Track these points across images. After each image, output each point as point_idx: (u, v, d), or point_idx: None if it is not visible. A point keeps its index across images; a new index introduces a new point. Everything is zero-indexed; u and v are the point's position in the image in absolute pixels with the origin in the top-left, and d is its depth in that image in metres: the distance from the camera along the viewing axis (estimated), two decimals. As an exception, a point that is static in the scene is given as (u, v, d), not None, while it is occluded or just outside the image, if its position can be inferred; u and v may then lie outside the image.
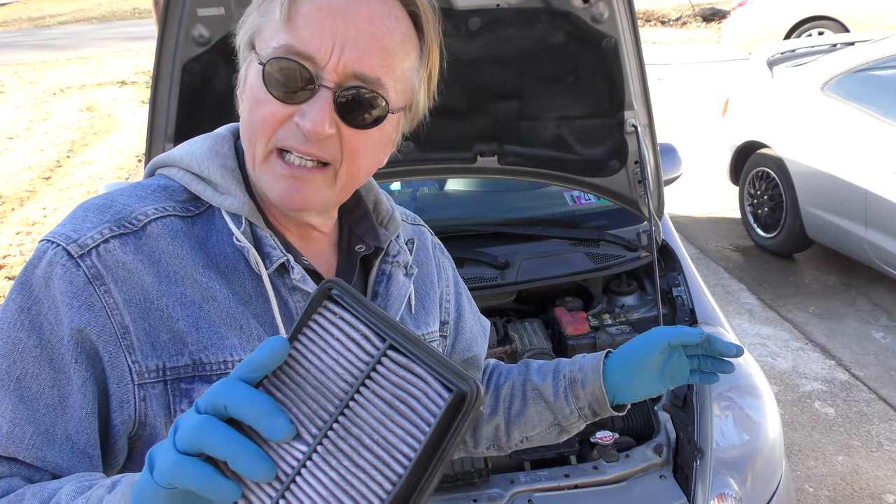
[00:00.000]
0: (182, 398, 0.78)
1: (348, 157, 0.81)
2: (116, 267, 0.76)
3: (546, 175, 2.38)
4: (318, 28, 0.76)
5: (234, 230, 0.82)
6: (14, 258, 5.28)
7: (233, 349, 0.80)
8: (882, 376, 3.53)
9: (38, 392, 0.75)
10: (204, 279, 0.80)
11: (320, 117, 0.76)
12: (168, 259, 0.79)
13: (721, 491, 1.68)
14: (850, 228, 4.08)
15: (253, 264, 0.82)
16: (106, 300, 0.75)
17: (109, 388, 0.77)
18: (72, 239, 0.77)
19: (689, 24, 14.26)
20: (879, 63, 4.25)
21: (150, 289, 0.77)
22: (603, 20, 1.99)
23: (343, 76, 0.77)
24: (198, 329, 0.78)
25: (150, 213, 0.81)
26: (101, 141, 8.40)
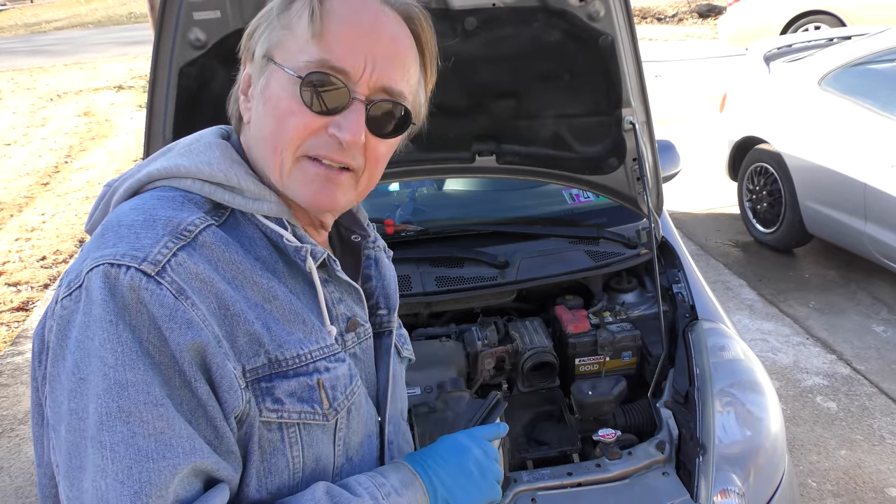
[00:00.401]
0: (265, 397, 0.81)
1: (370, 163, 0.88)
2: (191, 279, 0.76)
3: (544, 173, 2.38)
4: (351, 45, 0.82)
5: (282, 232, 0.86)
6: (13, 264, 5.27)
7: (300, 343, 0.84)
8: (883, 370, 3.53)
9: (192, 408, 0.75)
10: (263, 280, 0.83)
11: (357, 128, 0.82)
12: (225, 266, 0.81)
13: (724, 487, 1.68)
14: (850, 222, 4.08)
15: (305, 263, 0.87)
16: (196, 313, 0.76)
17: (221, 397, 0.77)
18: (139, 258, 0.74)
19: (686, 20, 14.26)
20: (876, 57, 4.25)
21: (224, 295, 0.79)
22: (599, 18, 1.99)
23: (373, 90, 0.84)
24: (268, 329, 0.82)
25: (198, 223, 0.81)
26: (99, 146, 8.40)
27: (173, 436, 0.72)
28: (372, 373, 0.98)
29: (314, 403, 0.84)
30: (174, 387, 0.74)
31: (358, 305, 0.96)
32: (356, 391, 0.90)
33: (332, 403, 0.86)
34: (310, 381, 0.84)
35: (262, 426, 0.81)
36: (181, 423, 0.73)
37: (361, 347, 0.96)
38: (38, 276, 5.06)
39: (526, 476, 1.74)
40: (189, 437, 0.74)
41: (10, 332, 4.36)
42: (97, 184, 6.98)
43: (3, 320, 4.48)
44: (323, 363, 0.86)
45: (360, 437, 0.93)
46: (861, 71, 4.27)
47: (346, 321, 0.93)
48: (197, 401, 0.76)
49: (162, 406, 0.72)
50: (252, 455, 0.81)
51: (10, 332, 4.36)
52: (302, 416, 0.83)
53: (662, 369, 2.04)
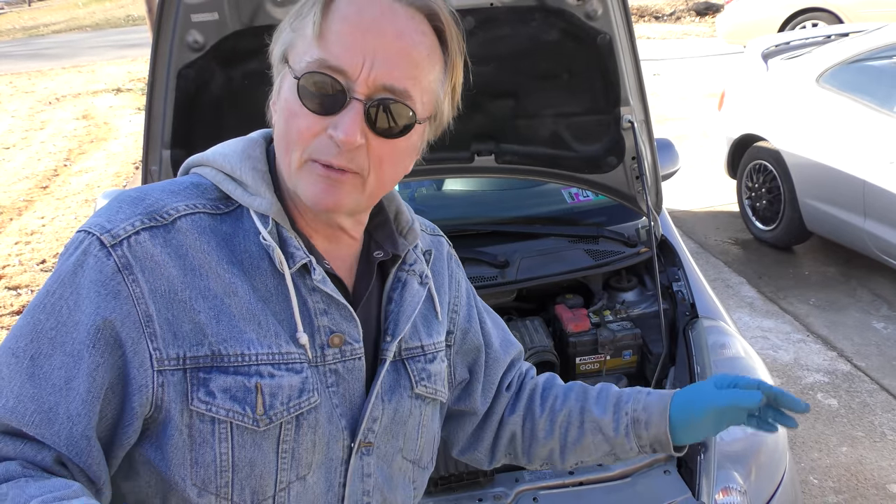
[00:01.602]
0: (199, 387, 0.81)
1: (375, 166, 0.85)
2: (145, 258, 0.80)
3: (543, 173, 2.38)
4: (350, 43, 0.81)
5: (260, 229, 0.86)
6: (13, 268, 5.27)
7: (250, 343, 0.83)
8: (884, 366, 3.53)
9: (48, 372, 0.78)
10: (227, 274, 0.84)
11: (352, 128, 0.80)
12: (194, 253, 0.83)
13: (725, 485, 1.68)
14: (849, 219, 4.09)
15: (277, 263, 0.86)
16: (133, 289, 0.79)
17: (130, 372, 0.80)
18: (105, 229, 0.81)
19: (683, 18, 14.27)
20: (874, 53, 4.25)
21: (176, 281, 0.81)
22: (597, 17, 1.99)
23: (373, 88, 0.81)
24: (218, 321, 0.82)
25: (181, 209, 0.84)
26: (98, 149, 8.40)
27: (6, 387, 0.78)
28: (357, 396, 0.92)
29: (246, 405, 0.82)
30: (62, 350, 0.78)
31: (348, 323, 0.90)
32: (305, 406, 0.86)
33: (268, 411, 0.83)
34: (247, 382, 0.82)
35: (194, 415, 0.81)
36: (22, 380, 0.78)
37: (346, 366, 0.91)
38: (38, 280, 5.05)
39: (528, 475, 1.74)
40: (20, 396, 0.77)
41: (11, 335, 4.36)
42: (96, 187, 6.98)
43: (3, 324, 4.48)
44: (268, 368, 0.84)
45: (317, 457, 0.89)
46: (859, 68, 4.27)
47: (329, 334, 0.89)
48: (78, 370, 0.78)
49: (15, 357, 0.79)
50: (175, 440, 0.82)
51: (10, 335, 4.36)
52: (230, 414, 0.82)
53: (663, 367, 2.04)
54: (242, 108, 2.03)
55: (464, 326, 1.13)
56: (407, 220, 1.02)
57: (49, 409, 0.78)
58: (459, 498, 1.74)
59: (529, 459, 1.17)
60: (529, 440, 1.15)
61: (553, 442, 1.14)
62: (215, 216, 0.86)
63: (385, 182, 0.88)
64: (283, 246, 0.87)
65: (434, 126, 0.93)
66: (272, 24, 1.95)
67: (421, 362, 1.00)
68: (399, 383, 0.97)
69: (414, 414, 0.99)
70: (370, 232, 0.99)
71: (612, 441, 1.12)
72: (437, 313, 1.05)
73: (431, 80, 0.87)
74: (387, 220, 1.01)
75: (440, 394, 1.04)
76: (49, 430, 0.78)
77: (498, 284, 2.23)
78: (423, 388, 0.99)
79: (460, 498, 1.74)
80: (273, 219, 0.87)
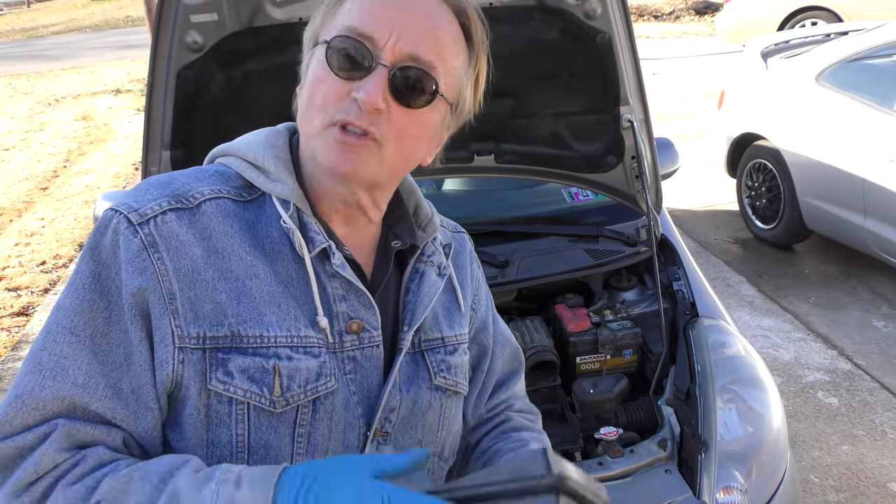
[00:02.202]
0: (218, 367, 0.83)
1: (395, 137, 0.86)
2: (171, 237, 0.83)
3: (543, 172, 2.38)
4: (380, 14, 0.85)
5: (282, 213, 0.88)
6: (13, 269, 5.27)
7: (269, 325, 0.84)
8: (884, 365, 3.53)
9: (108, 349, 0.81)
10: (249, 257, 0.86)
11: (375, 90, 0.82)
12: (217, 236, 0.85)
13: (726, 484, 1.68)
14: (849, 218, 4.08)
15: (297, 247, 0.88)
16: (158, 266, 0.81)
17: (154, 347, 0.82)
18: (133, 208, 0.83)
19: (683, 17, 14.27)
20: (873, 52, 4.25)
21: (199, 261, 0.83)
22: (596, 16, 1.99)
23: (399, 57, 0.84)
24: (239, 303, 0.84)
25: (206, 193, 0.87)
26: (98, 150, 8.40)
27: (71, 365, 0.80)
28: (374, 384, 0.93)
29: (263, 386, 0.83)
30: (117, 328, 0.81)
31: (366, 310, 0.91)
32: (322, 390, 0.86)
33: (285, 393, 0.84)
34: (266, 363, 0.84)
35: (212, 395, 0.83)
36: (88, 358, 0.80)
37: (364, 353, 0.91)
38: (38, 281, 5.06)
39: None
40: (89, 373, 0.80)
41: (11, 337, 4.36)
42: (96, 188, 6.98)
43: (4, 325, 4.48)
44: (286, 350, 0.85)
45: (333, 444, 0.89)
46: (858, 66, 4.27)
47: (348, 321, 0.90)
48: (132, 345, 0.81)
49: (76, 336, 0.80)
50: (193, 419, 0.83)
51: (10, 337, 4.36)
52: (248, 395, 0.83)
53: (663, 367, 2.04)
54: (242, 109, 2.03)
55: (478, 326, 1.13)
56: (426, 214, 1.05)
57: (115, 384, 0.81)
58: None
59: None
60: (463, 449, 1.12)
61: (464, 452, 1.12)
62: (239, 203, 0.89)
63: (404, 156, 0.89)
64: (304, 230, 0.88)
65: (456, 115, 0.94)
66: (271, 24, 1.95)
67: (441, 354, 1.00)
68: (418, 374, 0.97)
69: (434, 406, 0.98)
70: (390, 224, 1.01)
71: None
72: (459, 305, 1.06)
73: (456, 65, 0.90)
74: (406, 213, 1.03)
75: (461, 386, 1.03)
76: (119, 404, 0.80)
77: (498, 284, 2.23)
78: (442, 379, 0.99)
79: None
80: (294, 204, 0.89)
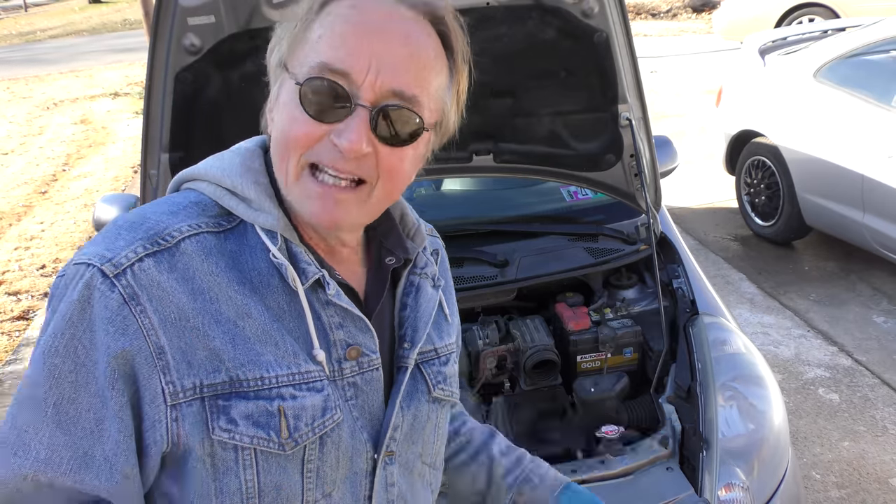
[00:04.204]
0: (219, 415, 0.78)
1: (384, 176, 0.82)
2: (151, 286, 0.76)
3: (542, 171, 2.38)
4: (353, 46, 0.77)
5: (270, 247, 0.83)
6: (13, 273, 5.27)
7: (269, 365, 0.80)
8: (885, 360, 3.53)
9: (75, 416, 0.75)
10: (238, 296, 0.80)
11: (357, 136, 0.77)
12: (202, 276, 0.79)
13: (728, 481, 1.68)
14: (848, 214, 4.09)
15: (290, 281, 0.83)
16: (142, 321, 0.76)
17: (143, 408, 0.77)
18: (106, 259, 0.76)
19: (680, 15, 14.27)
20: (871, 48, 4.25)
21: (186, 307, 0.78)
22: (593, 15, 1.99)
23: (380, 94, 0.78)
24: (234, 346, 0.79)
25: (184, 230, 0.80)
26: (96, 153, 8.39)
27: (33, 439, 0.74)
28: (377, 406, 0.90)
29: (270, 430, 0.80)
30: (86, 391, 0.75)
31: (364, 334, 0.88)
32: (329, 425, 0.84)
33: (293, 434, 0.81)
34: (269, 406, 0.80)
35: (217, 444, 0.79)
36: (51, 429, 0.75)
37: (364, 378, 0.89)
38: (38, 285, 5.05)
39: None
40: (51, 446, 0.74)
41: (11, 341, 4.36)
42: (95, 192, 6.97)
43: (4, 329, 4.48)
44: (289, 390, 0.81)
45: (341, 473, 0.87)
46: (856, 62, 4.27)
47: (346, 348, 0.87)
48: (106, 410, 0.76)
49: (37, 407, 0.75)
50: (198, 471, 0.79)
51: (10, 341, 4.36)
52: (255, 441, 0.79)
53: (664, 365, 2.04)
54: (240, 111, 2.02)
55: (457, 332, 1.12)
56: (413, 223, 1.00)
57: (84, 453, 0.75)
58: (462, 497, 1.73)
59: None
60: None
61: None
62: (219, 234, 0.83)
63: (392, 192, 0.85)
64: (294, 262, 0.84)
65: (440, 134, 0.90)
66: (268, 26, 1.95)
67: (436, 365, 0.98)
68: (416, 388, 0.95)
69: (431, 418, 0.98)
70: (380, 239, 0.97)
71: (494, 485, 1.12)
72: (446, 315, 1.04)
73: (438, 85, 0.84)
74: (394, 226, 0.98)
75: (455, 395, 1.03)
76: (87, 475, 0.75)
77: (498, 284, 2.23)
78: (440, 391, 0.98)
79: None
80: (281, 234, 0.84)
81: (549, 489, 1.10)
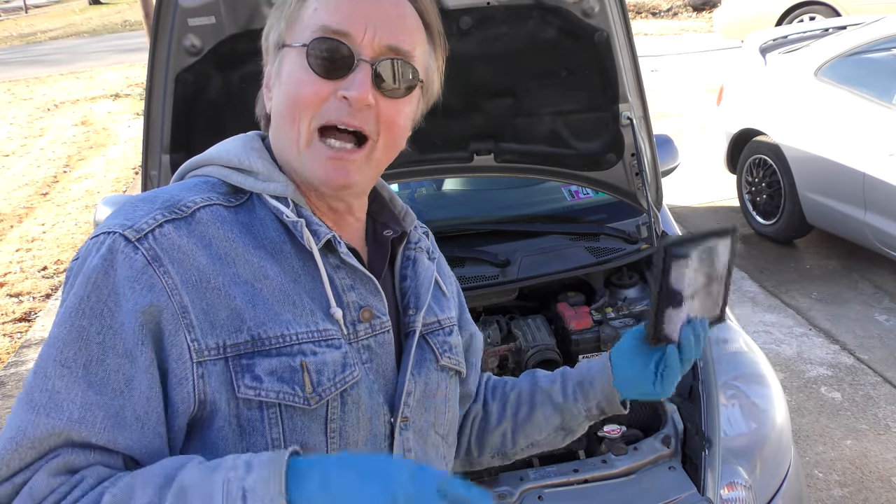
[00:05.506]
0: (244, 373, 0.81)
1: (385, 129, 0.88)
2: (172, 249, 0.80)
3: (543, 171, 2.38)
4: (349, 11, 0.85)
5: (283, 209, 0.87)
6: (14, 275, 5.28)
7: (288, 323, 0.83)
8: (887, 359, 3.53)
9: (105, 377, 0.77)
10: (255, 259, 0.84)
11: (364, 87, 0.84)
12: (219, 242, 0.83)
13: (731, 480, 1.68)
14: (850, 212, 4.08)
15: (304, 240, 0.87)
16: (165, 280, 0.79)
17: (169, 366, 0.79)
18: (127, 226, 0.80)
19: (680, 14, 14.26)
20: (872, 46, 4.25)
21: (206, 269, 0.81)
22: (594, 14, 1.99)
23: (378, 50, 0.86)
24: (254, 306, 0.82)
25: (199, 201, 0.85)
26: (97, 155, 8.40)
27: (65, 399, 0.75)
28: (390, 371, 0.94)
29: (294, 385, 0.82)
30: (113, 352, 0.77)
31: (374, 296, 0.92)
32: (349, 381, 0.87)
33: (316, 388, 0.83)
34: (292, 362, 0.82)
35: (242, 404, 0.81)
36: (83, 389, 0.76)
37: (377, 340, 0.92)
38: (40, 287, 5.06)
39: (532, 473, 1.74)
40: (85, 406, 0.75)
41: (13, 342, 4.36)
42: (96, 193, 6.98)
43: (6, 331, 4.49)
44: (310, 346, 0.84)
45: (362, 434, 0.89)
46: (857, 60, 4.27)
47: (359, 310, 0.91)
48: (135, 368, 0.77)
49: (67, 368, 0.76)
50: (224, 433, 0.81)
51: (13, 342, 4.36)
52: (281, 395, 0.82)
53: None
54: (241, 111, 2.02)
55: (460, 310, 1.16)
56: (401, 206, 1.06)
57: (116, 413, 0.76)
58: (464, 497, 1.73)
59: (480, 451, 1.18)
60: (481, 428, 1.18)
61: (505, 424, 1.16)
62: (230, 208, 0.87)
63: (390, 148, 0.91)
64: (306, 224, 0.88)
65: (426, 98, 0.96)
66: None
67: (441, 335, 1.02)
68: (425, 357, 0.99)
69: (441, 387, 1.01)
70: (373, 215, 1.02)
71: (562, 408, 1.13)
72: (443, 290, 1.08)
73: (423, 49, 0.92)
74: (385, 203, 1.05)
75: (462, 365, 1.06)
76: (121, 435, 0.76)
77: (499, 283, 2.23)
78: (447, 359, 1.02)
79: (465, 497, 1.73)
80: (291, 200, 0.89)
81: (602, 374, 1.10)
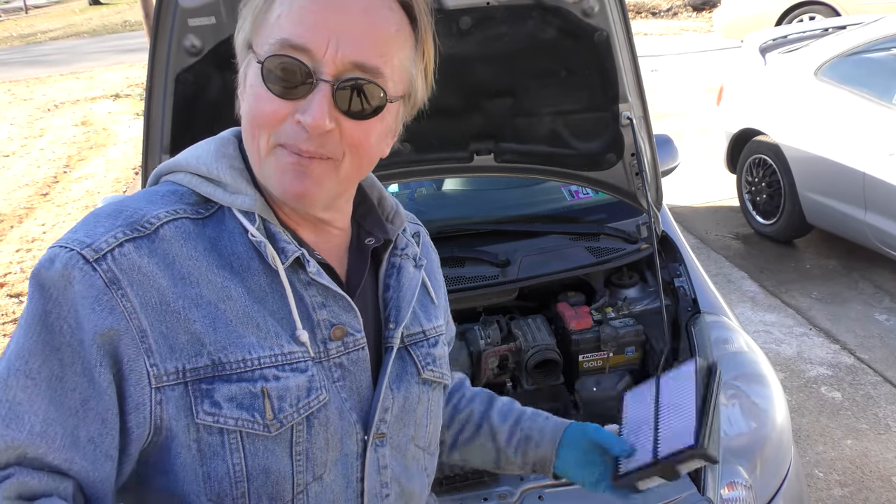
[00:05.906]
0: (203, 398, 0.78)
1: (351, 150, 0.82)
2: (132, 270, 0.77)
3: (543, 171, 2.38)
4: (313, 21, 0.77)
5: (248, 226, 0.83)
6: (15, 276, 5.28)
7: (251, 347, 0.80)
8: (887, 358, 3.53)
9: (63, 395, 0.75)
10: (219, 279, 0.81)
11: (320, 112, 0.77)
12: (182, 261, 0.80)
13: (731, 479, 1.68)
14: (850, 212, 4.08)
15: (269, 259, 0.83)
16: (124, 304, 0.76)
17: (127, 390, 0.77)
18: (86, 244, 0.76)
19: (680, 14, 14.26)
20: (872, 45, 4.24)
21: (166, 291, 0.78)
22: (594, 14, 1.98)
23: (341, 67, 0.78)
24: (215, 329, 0.79)
25: (162, 216, 0.81)
26: (98, 155, 8.40)
27: (27, 411, 0.73)
28: (365, 388, 0.90)
29: (254, 412, 0.80)
30: (72, 371, 0.75)
31: (347, 313, 0.88)
32: (314, 405, 0.84)
33: (277, 415, 0.80)
34: (253, 388, 0.79)
35: (202, 429, 0.79)
36: (45, 403, 0.73)
37: (350, 358, 0.88)
38: (40, 287, 5.06)
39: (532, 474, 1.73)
40: (47, 420, 0.73)
41: (14, 343, 4.36)
42: (96, 193, 6.98)
43: (6, 332, 4.49)
44: (272, 371, 0.81)
45: (332, 455, 0.86)
46: (857, 60, 4.27)
47: (330, 328, 0.87)
48: (93, 389, 0.75)
49: (31, 379, 0.73)
50: (184, 457, 0.79)
51: (13, 343, 4.36)
52: (239, 423, 0.79)
53: (666, 364, 2.04)
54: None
55: (446, 317, 1.14)
56: (391, 205, 1.01)
57: (72, 432, 0.74)
58: (465, 498, 1.74)
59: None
60: None
61: (444, 435, 1.17)
62: (197, 220, 0.83)
63: (362, 166, 0.85)
64: (273, 241, 0.84)
65: (409, 106, 0.89)
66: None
67: (424, 347, 0.99)
68: (406, 370, 0.95)
69: (422, 400, 0.98)
70: (358, 221, 0.97)
71: (500, 451, 1.17)
72: (431, 297, 1.04)
73: (403, 57, 0.83)
74: (372, 207, 0.99)
75: (446, 377, 1.03)
76: (77, 454, 0.74)
77: (499, 283, 2.23)
78: (430, 372, 0.98)
79: (466, 498, 1.74)
80: (259, 215, 0.84)
81: (549, 444, 1.14)
